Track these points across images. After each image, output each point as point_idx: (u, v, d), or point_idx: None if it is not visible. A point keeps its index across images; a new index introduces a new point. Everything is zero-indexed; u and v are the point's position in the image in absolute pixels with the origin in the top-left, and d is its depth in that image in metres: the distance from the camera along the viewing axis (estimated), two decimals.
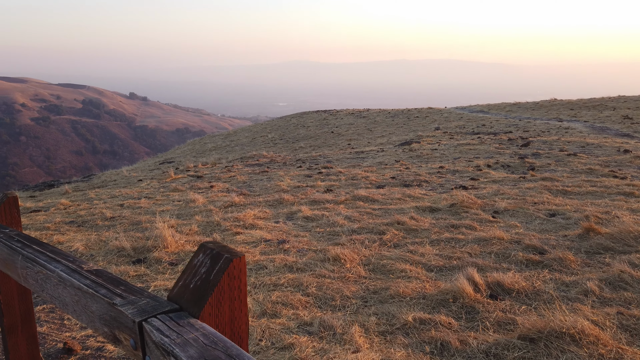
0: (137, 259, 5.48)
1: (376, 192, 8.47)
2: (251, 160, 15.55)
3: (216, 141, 28.52)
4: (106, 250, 5.99)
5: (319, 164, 12.93)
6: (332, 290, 4.27)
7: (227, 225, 6.78)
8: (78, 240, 6.58)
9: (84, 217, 8.39)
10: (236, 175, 11.87)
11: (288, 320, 3.74)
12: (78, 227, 7.66)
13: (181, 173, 13.62)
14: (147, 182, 12.41)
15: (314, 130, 26.20)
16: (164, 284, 4.65)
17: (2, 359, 3.19)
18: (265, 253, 5.48)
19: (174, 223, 7.01)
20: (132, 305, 1.17)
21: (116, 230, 6.99)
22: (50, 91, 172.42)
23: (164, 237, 5.88)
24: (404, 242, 5.55)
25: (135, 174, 15.32)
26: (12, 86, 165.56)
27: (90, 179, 16.97)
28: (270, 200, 8.35)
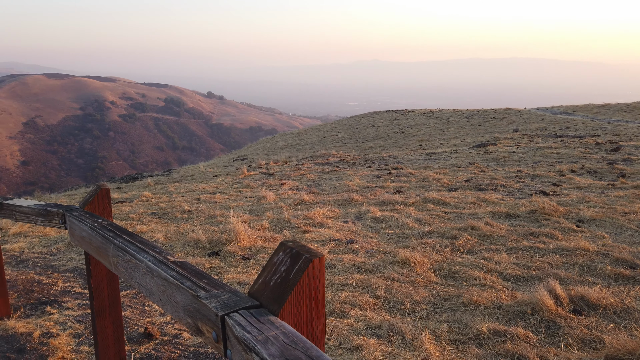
0: (212, 252, 5.71)
1: (448, 195, 8.22)
2: (321, 159, 15.70)
3: (287, 140, 29.09)
4: (184, 241, 6.30)
5: (388, 165, 12.78)
6: (401, 294, 4.19)
7: (297, 222, 6.88)
8: (159, 231, 6.96)
9: (164, 209, 8.87)
10: (306, 174, 12.03)
11: (356, 321, 3.71)
12: (159, 218, 8.11)
13: (253, 170, 14.03)
14: (221, 178, 12.91)
15: (384, 130, 25.94)
16: (236, 277, 4.80)
17: (91, 338, 3.45)
18: (334, 252, 5.49)
19: (246, 218, 7.23)
20: (215, 299, 1.20)
21: (193, 223, 7.33)
22: (137, 90, 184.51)
23: (237, 231, 6.08)
24: (478, 249, 5.33)
25: (211, 170, 15.99)
26: (103, 85, 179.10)
27: (170, 173, 17.95)
28: (339, 200, 8.36)
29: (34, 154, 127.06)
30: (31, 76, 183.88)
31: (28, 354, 3.17)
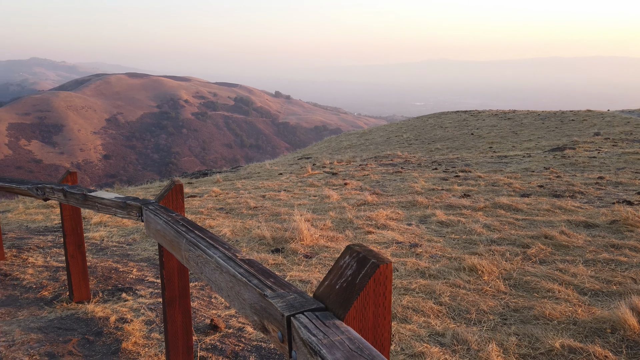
0: (275, 249, 5.82)
1: (520, 200, 7.83)
2: (385, 160, 15.53)
3: (351, 139, 29.06)
4: (249, 237, 6.47)
5: (456, 167, 12.40)
6: (467, 302, 4.04)
7: (360, 223, 6.85)
8: (226, 226, 7.20)
9: (232, 205, 9.16)
10: (370, 174, 11.95)
11: (419, 327, 3.63)
12: (226, 213, 8.39)
13: (317, 169, 14.15)
14: (286, 176, 13.14)
15: (452, 131, 25.21)
16: (298, 275, 4.85)
17: (161, 326, 3.62)
18: (397, 255, 5.40)
19: (309, 217, 7.30)
20: (281, 299, 1.21)
21: (258, 220, 7.51)
22: (209, 89, 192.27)
23: (301, 230, 6.15)
24: (552, 259, 5.03)
25: (276, 168, 16.32)
26: (178, 84, 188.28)
27: (238, 170, 18.53)
28: (403, 202, 8.23)
29: (115, 148, 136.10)
30: (114, 75, 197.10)
31: (105, 337, 3.39)
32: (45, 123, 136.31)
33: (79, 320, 3.70)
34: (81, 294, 4.13)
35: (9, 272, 4.92)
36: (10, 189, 4.50)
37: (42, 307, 4.05)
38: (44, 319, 3.75)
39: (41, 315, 3.84)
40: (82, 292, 4.14)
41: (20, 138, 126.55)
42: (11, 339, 3.35)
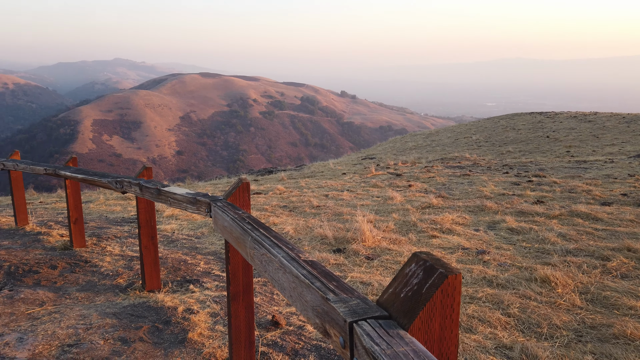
0: (337, 249, 5.81)
1: (600, 209, 7.30)
2: (452, 162, 15.08)
3: (417, 140, 28.50)
4: (311, 236, 6.51)
5: (529, 172, 11.79)
6: (538, 315, 3.82)
7: (423, 226, 6.69)
8: (289, 224, 7.30)
9: (295, 203, 9.28)
10: (435, 176, 11.65)
11: (484, 338, 3.48)
12: (290, 211, 8.51)
13: (381, 170, 14.01)
14: (350, 176, 13.12)
15: (525, 133, 24.02)
16: (359, 276, 4.82)
17: (225, 319, 3.73)
18: (462, 262, 5.22)
19: (372, 218, 7.24)
20: (343, 304, 1.19)
21: (321, 219, 7.54)
22: (276, 89, 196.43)
23: (363, 231, 6.10)
24: (636, 274, 4.63)
25: (340, 168, 16.34)
26: (248, 84, 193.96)
27: (302, 169, 18.75)
28: (471, 206, 7.93)
29: (187, 145, 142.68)
30: (188, 75, 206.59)
31: (172, 327, 3.54)
32: (126, 120, 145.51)
33: (150, 308, 3.90)
34: (152, 283, 4.35)
35: (89, 259, 5.28)
36: (93, 181, 4.83)
37: (117, 293, 4.31)
38: (118, 305, 3.98)
39: (116, 302, 4.09)
40: (153, 281, 4.35)
41: (103, 133, 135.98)
42: (89, 322, 3.59)
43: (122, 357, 3.07)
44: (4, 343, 3.21)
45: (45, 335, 3.32)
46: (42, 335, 3.33)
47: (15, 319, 3.65)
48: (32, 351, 3.10)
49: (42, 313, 3.79)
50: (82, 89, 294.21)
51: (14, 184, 6.93)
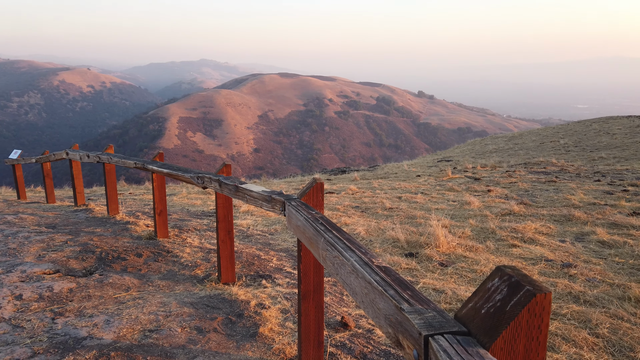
0: (409, 253, 5.68)
1: None
2: (536, 167, 14.21)
3: (498, 143, 27.21)
4: (383, 238, 6.42)
5: (624, 180, 10.82)
6: (631, 338, 3.48)
7: (503, 234, 6.35)
8: (361, 225, 7.26)
9: (367, 204, 9.22)
10: (517, 182, 11.04)
11: (568, 359, 3.22)
12: (361, 212, 8.46)
13: (458, 173, 13.52)
14: (424, 179, 12.80)
15: (621, 138, 22.11)
16: (432, 283, 4.67)
17: (295, 316, 3.77)
18: (545, 274, 4.89)
19: (447, 223, 7.00)
20: (418, 315, 1.13)
21: (393, 221, 7.42)
22: (352, 88, 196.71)
23: (437, 236, 5.92)
24: None
25: (414, 169, 16.01)
26: (324, 84, 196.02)
27: (375, 169, 18.60)
28: (556, 215, 7.42)
29: (264, 143, 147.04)
30: (268, 75, 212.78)
31: (245, 320, 3.64)
32: (208, 118, 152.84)
33: (224, 300, 4.04)
34: (227, 276, 4.50)
35: (171, 250, 5.58)
36: (177, 176, 5.10)
37: (195, 284, 4.50)
38: (196, 295, 4.16)
39: (193, 292, 4.27)
40: (228, 274, 4.51)
41: (188, 130, 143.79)
42: (168, 310, 3.78)
43: (197, 346, 3.20)
44: (93, 324, 3.47)
45: (130, 320, 3.54)
46: (126, 319, 3.56)
47: (103, 302, 3.93)
48: (117, 333, 3.32)
49: (127, 298, 4.05)
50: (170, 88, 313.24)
51: (108, 176, 7.50)
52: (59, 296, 4.00)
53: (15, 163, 10.92)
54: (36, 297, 3.96)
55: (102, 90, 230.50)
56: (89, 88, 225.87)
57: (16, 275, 4.48)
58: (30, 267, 4.71)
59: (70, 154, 8.33)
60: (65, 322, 3.49)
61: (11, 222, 7.00)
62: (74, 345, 3.12)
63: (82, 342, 3.16)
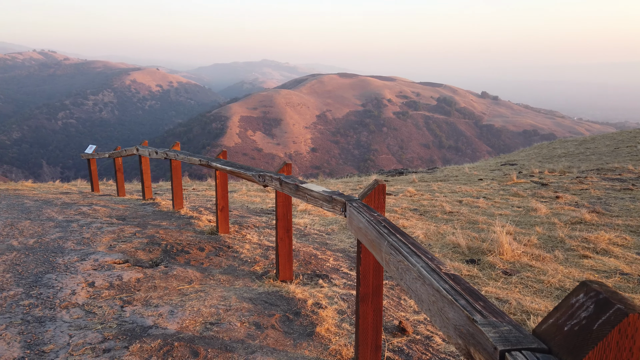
0: (470, 259, 5.49)
1: None
2: (610, 174, 13.31)
3: (567, 147, 25.77)
4: (442, 243, 6.25)
5: None
6: None
7: (573, 244, 5.99)
8: (419, 228, 7.11)
9: (426, 207, 9.02)
10: (589, 189, 10.39)
11: None
12: (420, 215, 8.29)
13: (524, 178, 12.94)
14: (487, 183, 12.35)
15: None
16: (495, 291, 4.48)
17: (352, 318, 3.75)
18: (621, 289, 4.55)
19: (511, 230, 6.70)
20: (493, 328, 1.07)
21: (453, 226, 7.21)
22: (412, 89, 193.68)
23: (501, 242, 5.68)
24: None
25: (475, 173, 15.50)
26: (383, 84, 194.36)
27: (434, 172, 18.19)
28: (633, 226, 6.91)
29: (321, 142, 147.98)
30: (327, 75, 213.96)
31: (302, 319, 3.66)
32: (268, 117, 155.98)
33: (282, 298, 4.08)
34: (285, 274, 4.55)
35: (231, 245, 5.72)
36: (239, 174, 5.22)
37: (254, 280, 4.59)
38: (254, 291, 4.24)
39: (252, 288, 4.36)
40: (286, 272, 4.55)
41: (248, 129, 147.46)
42: (228, 304, 3.87)
43: (255, 341, 3.25)
44: (158, 314, 3.61)
45: (192, 312, 3.66)
46: (189, 310, 3.68)
47: (168, 293, 4.10)
48: (180, 324, 3.44)
49: (190, 290, 4.19)
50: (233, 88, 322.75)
51: (174, 172, 7.81)
52: (128, 285, 4.21)
53: (91, 157, 11.65)
54: (107, 285, 4.19)
55: (169, 89, 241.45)
56: (157, 87, 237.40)
57: (89, 264, 4.76)
58: (102, 257, 5.00)
59: (140, 150, 8.76)
60: (133, 310, 3.66)
61: (86, 213, 7.47)
62: (141, 333, 3.27)
63: (148, 331, 3.30)
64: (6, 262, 4.79)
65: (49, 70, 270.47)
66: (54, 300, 3.80)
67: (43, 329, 3.29)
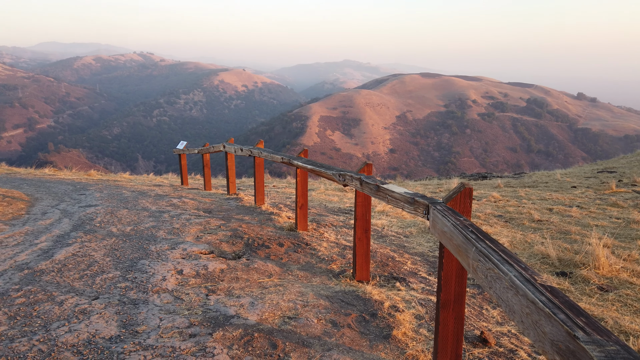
0: (561, 272, 5.13)
1: None
2: None
3: None
4: (530, 253, 5.90)
5: None
6: None
7: None
8: (504, 235, 6.76)
9: (512, 214, 8.56)
10: None
11: None
12: (505, 222, 7.89)
13: (624, 187, 11.85)
14: (581, 190, 11.47)
15: None
16: (589, 308, 4.15)
17: (430, 324, 3.65)
18: None
19: (609, 242, 6.17)
20: (597, 347, 0.99)
21: (542, 235, 6.78)
22: (499, 89, 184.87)
23: (597, 255, 5.24)
24: None
25: (568, 179, 14.46)
26: (468, 84, 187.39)
27: (521, 177, 17.22)
28: None
29: (400, 143, 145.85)
30: (408, 75, 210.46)
31: (378, 320, 3.63)
32: (347, 117, 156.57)
33: (358, 298, 4.07)
34: (362, 274, 4.54)
35: (309, 242, 5.81)
36: (320, 172, 5.28)
37: (331, 278, 4.62)
38: (331, 289, 4.27)
39: (329, 285, 4.39)
40: (363, 272, 4.54)
41: (327, 129, 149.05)
42: (306, 300, 3.93)
43: (331, 339, 3.27)
44: (239, 304, 3.76)
45: (271, 304, 3.77)
46: (268, 303, 3.79)
47: (249, 285, 4.25)
48: (260, 316, 3.55)
49: (270, 284, 4.32)
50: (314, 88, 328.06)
51: (257, 169, 8.09)
52: (212, 275, 4.42)
53: (181, 153, 12.39)
54: (194, 273, 4.43)
55: (254, 89, 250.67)
56: (243, 87, 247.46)
57: (178, 253, 5.07)
58: (190, 246, 5.30)
59: (226, 147, 9.17)
60: (217, 299, 3.84)
61: (176, 205, 7.96)
62: (223, 321, 3.42)
63: (230, 320, 3.45)
64: (106, 246, 5.23)
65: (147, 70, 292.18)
66: (147, 284, 4.09)
67: (137, 310, 3.55)
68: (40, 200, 8.46)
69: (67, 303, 3.64)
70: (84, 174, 15.56)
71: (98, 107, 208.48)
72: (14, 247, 5.18)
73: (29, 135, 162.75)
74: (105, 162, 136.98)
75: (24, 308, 3.53)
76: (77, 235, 5.67)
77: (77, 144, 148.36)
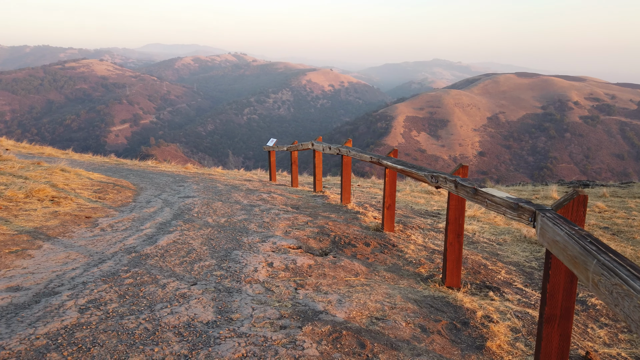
0: None
1: None
2: None
3: None
4: None
5: None
6: None
7: None
8: None
9: (620, 226, 7.82)
10: None
11: None
12: (612, 235, 7.22)
13: None
14: None
15: None
16: None
17: (527, 338, 3.42)
18: None
19: None
20: None
21: None
22: (606, 90, 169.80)
23: None
24: None
25: None
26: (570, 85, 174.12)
27: (630, 186, 15.68)
28: None
29: (491, 146, 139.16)
30: (503, 75, 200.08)
31: (470, 330, 3.47)
32: (434, 118, 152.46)
33: (448, 304, 3.93)
34: (452, 280, 4.37)
35: (396, 244, 5.72)
36: (410, 173, 5.17)
37: (418, 282, 4.51)
38: (419, 294, 4.16)
39: (417, 289, 4.28)
40: (453, 278, 4.37)
41: (412, 129, 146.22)
42: (393, 302, 3.87)
43: (421, 344, 3.18)
44: (327, 300, 3.79)
45: (358, 304, 3.75)
46: (355, 302, 3.78)
47: (336, 282, 4.27)
48: (348, 314, 3.55)
49: (356, 283, 4.31)
50: (401, 88, 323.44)
51: (344, 168, 8.12)
52: (300, 270, 4.50)
53: (271, 150, 12.80)
54: (283, 267, 4.54)
55: (340, 89, 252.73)
56: (329, 87, 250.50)
57: (269, 246, 5.23)
58: (279, 240, 5.44)
59: (315, 145, 9.32)
60: (305, 294, 3.90)
61: (265, 200, 8.23)
62: (312, 316, 3.46)
63: (318, 315, 3.48)
64: (203, 236, 5.53)
65: (240, 70, 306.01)
66: (240, 274, 4.26)
67: (231, 298, 3.71)
68: (144, 189, 9.18)
69: (169, 287, 3.90)
70: (182, 167, 16.65)
71: (195, 104, 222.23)
72: (122, 232, 5.65)
73: (134, 130, 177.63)
74: (199, 157, 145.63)
75: (132, 288, 3.83)
76: (177, 224, 6.07)
77: (175, 139, 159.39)
